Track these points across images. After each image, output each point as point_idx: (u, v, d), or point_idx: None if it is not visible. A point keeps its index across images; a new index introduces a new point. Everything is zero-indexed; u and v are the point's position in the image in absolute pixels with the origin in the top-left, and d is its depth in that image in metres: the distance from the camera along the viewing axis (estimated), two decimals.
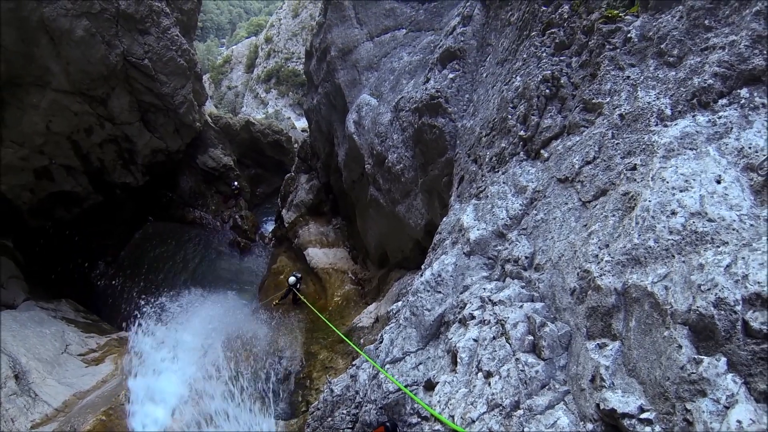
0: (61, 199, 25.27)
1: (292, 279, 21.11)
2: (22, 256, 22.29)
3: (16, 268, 21.39)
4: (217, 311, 22.17)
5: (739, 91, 4.29)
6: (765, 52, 4.16)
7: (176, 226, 33.11)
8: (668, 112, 4.74)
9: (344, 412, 7.52)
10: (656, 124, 4.80)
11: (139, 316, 19.45)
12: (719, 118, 4.28)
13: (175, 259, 30.61)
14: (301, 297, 20.66)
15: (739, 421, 2.97)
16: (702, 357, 3.36)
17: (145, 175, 29.49)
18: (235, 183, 34.57)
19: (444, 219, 9.49)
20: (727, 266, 3.37)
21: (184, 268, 29.99)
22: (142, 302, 21.33)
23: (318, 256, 23.78)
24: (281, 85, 61.59)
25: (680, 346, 3.50)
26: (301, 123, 40.90)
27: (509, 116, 7.86)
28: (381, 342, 7.82)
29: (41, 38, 20.45)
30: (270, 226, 33.97)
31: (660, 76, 5.09)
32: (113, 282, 27.95)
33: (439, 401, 5.61)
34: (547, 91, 6.91)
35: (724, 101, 4.36)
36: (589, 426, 4.15)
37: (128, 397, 14.73)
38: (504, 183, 7.29)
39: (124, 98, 25.83)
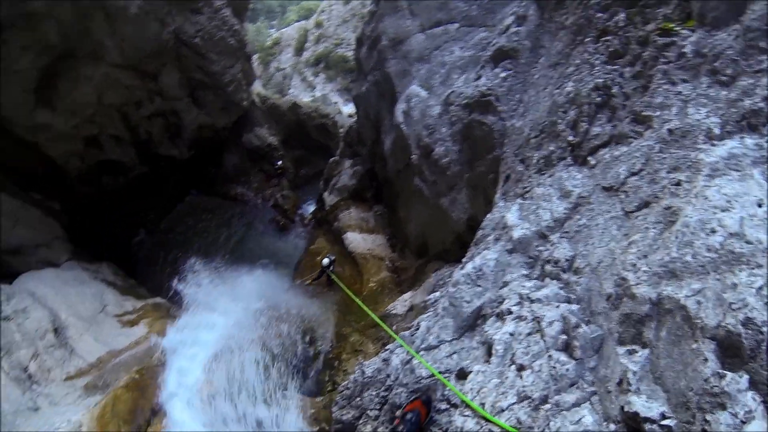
0: (109, 167, 25.79)
1: (325, 261, 21.22)
2: (67, 219, 22.85)
3: (61, 230, 21.91)
4: (252, 286, 22.49)
5: None
6: None
7: (218, 201, 33.39)
8: (717, 131, 4.83)
9: (373, 393, 7.73)
10: (704, 142, 4.90)
11: (176, 285, 19.92)
12: (767, 142, 4.36)
13: (215, 233, 30.93)
14: (335, 278, 20.82)
15: None
16: (726, 372, 3.52)
17: (190, 149, 29.90)
18: (279, 162, 34.75)
19: (488, 215, 9.62)
20: (759, 288, 3.51)
21: (223, 242, 30.29)
22: (179, 272, 21.79)
23: (357, 240, 23.85)
24: (330, 70, 61.44)
25: (706, 360, 3.66)
26: (348, 108, 40.85)
27: (559, 120, 7.96)
28: (417, 329, 8.03)
29: (97, 14, 20.84)
30: (310, 208, 34.01)
31: (711, 94, 5.17)
32: (152, 250, 28.45)
33: (471, 389, 5.81)
34: (599, 99, 7.01)
35: None
36: (612, 427, 4.34)
37: (164, 354, 15.19)
38: (550, 186, 7.42)
39: (175, 75, 26.23)
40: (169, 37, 24.04)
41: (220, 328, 17.36)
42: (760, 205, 3.97)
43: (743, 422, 3.26)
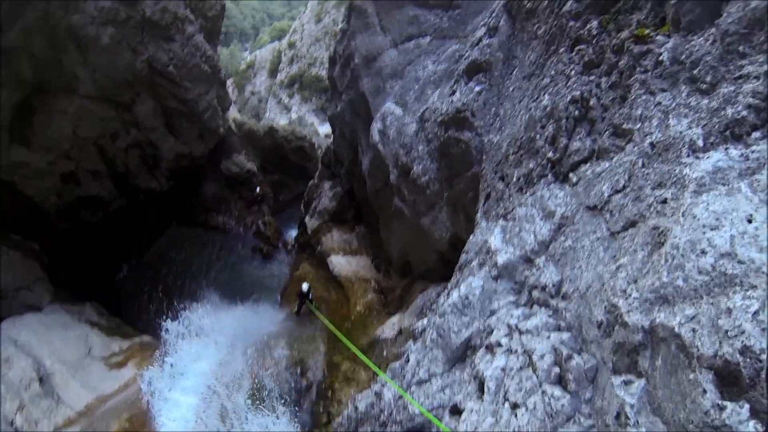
0: (87, 202, 25.75)
1: (304, 287, 21.08)
2: (48, 259, 22.61)
3: (41, 271, 21.78)
4: (239, 317, 22.28)
5: None
6: None
7: (199, 230, 33.40)
8: (700, 143, 4.65)
9: (368, 430, 7.51)
10: (688, 155, 4.71)
11: (162, 322, 19.65)
12: (752, 152, 4.18)
13: (198, 264, 30.84)
14: (312, 308, 20.63)
15: None
16: (726, 403, 3.34)
17: (169, 179, 29.91)
18: (258, 189, 34.71)
19: (471, 238, 9.43)
20: (755, 313, 3.32)
21: (207, 273, 30.18)
22: (165, 308, 21.54)
23: (341, 263, 23.76)
24: (304, 91, 61.74)
25: (705, 391, 3.48)
26: (325, 128, 40.99)
27: (537, 136, 7.80)
28: (407, 362, 7.81)
29: (69, 45, 20.88)
30: (293, 233, 34.03)
31: (692, 103, 4.99)
32: (136, 286, 28.21)
33: (465, 429, 5.60)
34: (576, 112, 6.84)
35: (757, 134, 4.26)
36: None
37: (151, 403, 14.89)
38: (532, 205, 7.24)
39: (149, 104, 26.26)
40: (142, 66, 24.10)
41: (210, 364, 17.13)
42: (749, 221, 3.77)
43: None
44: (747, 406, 3.22)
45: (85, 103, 22.98)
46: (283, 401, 15.68)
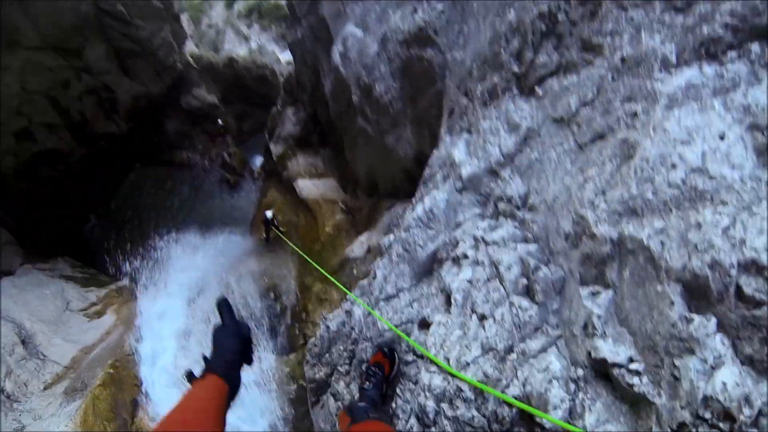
0: (45, 158, 25.12)
1: (268, 214, 21.17)
2: (12, 222, 22.27)
3: (8, 234, 21.61)
4: (211, 249, 22.35)
5: (749, 45, 4.10)
6: None
7: (164, 169, 33.08)
8: (673, 59, 4.57)
9: (341, 348, 7.59)
10: (660, 71, 4.64)
11: (134, 265, 19.61)
12: (727, 71, 4.12)
13: (166, 203, 30.71)
14: (278, 232, 20.75)
15: (723, 383, 3.02)
16: (693, 316, 3.39)
17: (128, 122, 29.27)
18: (220, 121, 34.23)
19: (434, 153, 9.35)
20: (725, 228, 3.35)
21: (176, 210, 30.12)
22: (136, 251, 21.45)
23: (308, 187, 23.71)
24: (263, 20, 59.85)
25: (672, 303, 3.52)
26: (286, 56, 40.06)
27: (502, 51, 7.63)
28: (374, 278, 7.85)
29: None
30: (259, 161, 33.83)
31: (666, 20, 4.86)
32: (106, 234, 28.03)
33: (434, 343, 5.65)
34: (543, 27, 6.67)
35: (733, 54, 4.18)
36: (580, 372, 4.22)
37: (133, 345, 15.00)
38: (497, 119, 7.16)
39: (100, 47, 25.31)
40: (88, 8, 23.05)
41: (185, 299, 17.26)
42: (722, 138, 3.76)
43: (713, 368, 3.15)
44: (714, 319, 3.29)
45: (31, 55, 22.02)
46: (259, 327, 15.87)
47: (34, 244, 22.72)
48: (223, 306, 2.51)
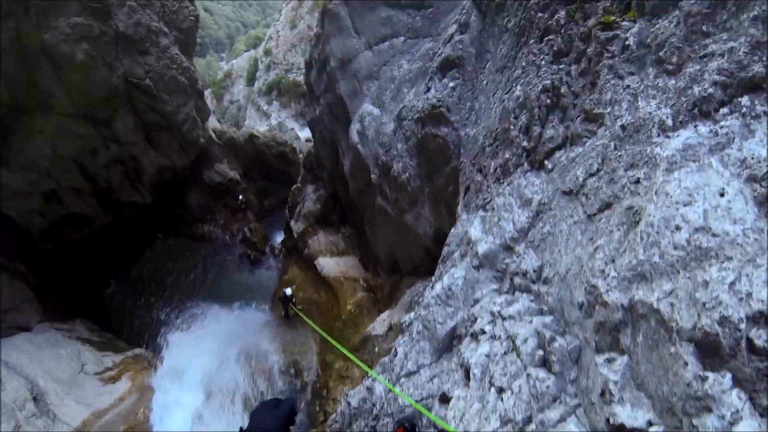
0: (71, 221, 25.55)
1: (288, 291, 21.19)
2: (34, 279, 22.49)
3: (29, 291, 21.70)
4: (231, 324, 22.26)
5: (739, 99, 4.24)
6: (765, 58, 4.10)
7: (186, 241, 33.29)
8: (669, 122, 4.72)
9: (362, 424, 7.55)
10: (658, 135, 4.78)
11: (153, 334, 19.58)
12: (721, 128, 4.24)
13: (187, 275, 30.78)
14: (297, 311, 20.71)
15: None
16: (707, 374, 3.37)
17: (152, 193, 29.76)
18: (241, 197, 34.67)
19: (452, 230, 9.50)
20: (731, 283, 3.37)
21: (196, 283, 30.15)
22: (155, 320, 21.44)
23: (329, 265, 23.83)
24: (283, 97, 61.68)
25: (686, 363, 3.51)
26: (305, 133, 41.06)
27: (511, 126, 7.87)
28: (395, 355, 7.85)
29: (43, 64, 20.76)
30: (279, 238, 34.06)
31: (660, 84, 5.07)
32: (125, 300, 28.13)
33: (453, 416, 5.64)
34: (548, 101, 6.91)
35: (725, 110, 4.32)
36: None
37: (147, 414, 14.83)
38: (510, 195, 7.30)
39: (128, 119, 26.13)
40: (118, 81, 23.97)
41: (204, 372, 17.10)
42: (722, 195, 3.84)
43: (731, 423, 3.11)
44: (729, 375, 3.26)
45: (63, 121, 22.90)
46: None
47: (54, 304, 22.75)
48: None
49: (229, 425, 14.56)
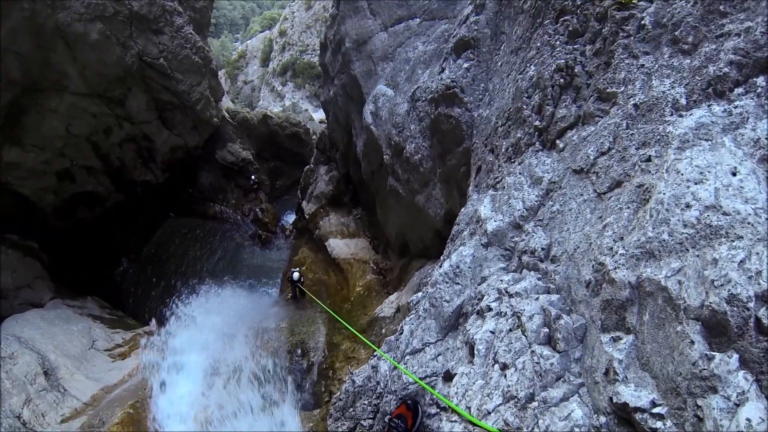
0: (84, 199, 25.72)
1: (295, 275, 21.21)
2: (47, 257, 22.70)
3: (41, 269, 21.96)
4: (240, 303, 22.33)
5: (755, 79, 4.20)
6: None
7: (197, 221, 33.43)
8: (683, 101, 4.66)
9: (365, 402, 7.56)
10: (671, 114, 4.73)
11: (163, 312, 19.70)
12: (735, 107, 4.20)
13: (197, 254, 30.91)
14: (308, 292, 20.74)
15: (748, 419, 2.96)
16: (714, 353, 3.34)
17: (164, 172, 29.88)
18: (253, 177, 34.69)
19: (462, 210, 9.47)
20: (741, 262, 3.33)
21: (206, 263, 30.26)
22: (165, 298, 21.56)
23: (339, 246, 23.86)
24: (297, 78, 61.59)
25: (692, 342, 3.48)
26: (319, 114, 41.00)
27: (524, 106, 7.80)
28: (401, 333, 7.85)
29: (57, 44, 20.82)
30: (290, 218, 34.10)
31: (675, 64, 5.00)
32: (136, 278, 28.32)
33: (456, 392, 5.65)
34: (561, 80, 6.84)
35: (740, 90, 4.28)
36: (602, 419, 4.15)
37: (154, 389, 14.95)
38: (520, 174, 7.25)
39: (141, 98, 26.19)
40: (132, 60, 24.03)
41: (212, 350, 17.13)
42: (734, 174, 3.80)
43: (737, 404, 3.07)
44: (736, 356, 3.23)
45: (77, 101, 23.00)
46: (284, 383, 15.73)
47: (66, 281, 23.22)
48: None
49: (234, 403, 14.61)
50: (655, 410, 3.66)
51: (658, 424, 3.59)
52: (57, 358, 16.33)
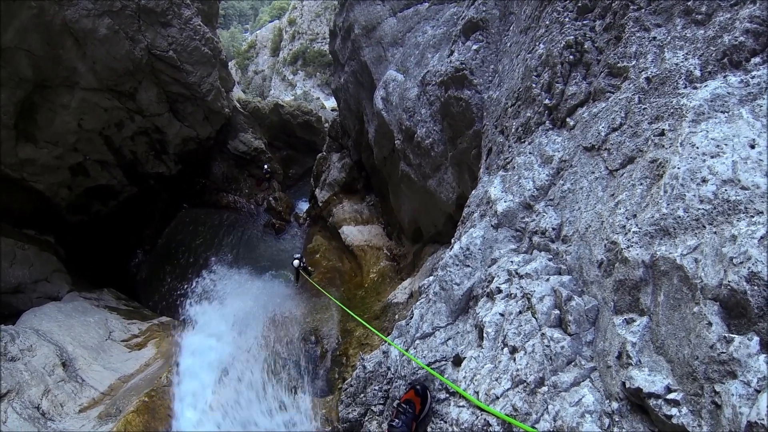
0: (98, 193, 26.13)
1: (295, 262, 21.38)
2: (63, 251, 23.03)
3: (58, 262, 22.39)
4: (255, 292, 22.45)
5: None
6: None
7: (211, 211, 33.69)
8: (697, 73, 4.47)
9: (376, 388, 7.47)
10: (685, 87, 4.53)
11: (178, 302, 19.84)
12: (752, 77, 3.99)
13: (212, 244, 31.11)
14: (308, 278, 20.87)
15: None
16: (733, 336, 3.14)
17: (177, 163, 30.19)
18: (266, 166, 34.83)
19: (473, 192, 9.34)
20: (762, 238, 3.13)
21: (221, 252, 30.43)
22: (180, 288, 21.74)
23: (353, 233, 23.92)
24: (308, 66, 61.59)
25: (710, 324, 3.28)
26: (331, 102, 40.98)
27: (533, 85, 7.62)
28: (411, 317, 7.75)
29: (66, 40, 21.06)
30: (304, 207, 34.22)
31: (688, 35, 4.80)
32: (151, 270, 28.58)
33: (464, 377, 5.53)
34: (571, 57, 6.65)
35: (757, 59, 4.07)
36: (615, 405, 3.97)
37: (170, 378, 15.06)
38: (530, 153, 7.09)
39: (152, 90, 26.44)
40: (141, 54, 24.30)
41: (227, 339, 17.28)
42: (752, 146, 3.60)
43: (757, 391, 2.86)
44: (756, 339, 3.02)
45: (88, 96, 23.35)
46: (298, 370, 15.80)
47: (82, 274, 23.83)
48: None
49: (249, 392, 14.69)
50: (670, 396, 3.47)
51: (674, 411, 3.40)
52: (75, 349, 16.60)
